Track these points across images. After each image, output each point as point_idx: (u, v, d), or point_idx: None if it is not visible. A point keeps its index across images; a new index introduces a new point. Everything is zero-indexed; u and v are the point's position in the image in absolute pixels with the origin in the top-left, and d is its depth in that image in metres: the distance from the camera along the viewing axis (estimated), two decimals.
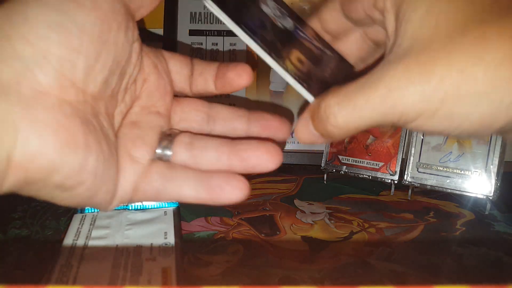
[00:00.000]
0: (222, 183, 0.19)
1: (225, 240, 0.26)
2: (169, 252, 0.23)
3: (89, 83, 0.16)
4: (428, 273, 0.24)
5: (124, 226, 0.26)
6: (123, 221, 0.26)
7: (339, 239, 0.27)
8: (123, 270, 0.21)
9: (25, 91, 0.14)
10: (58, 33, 0.15)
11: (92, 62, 0.16)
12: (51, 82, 0.15)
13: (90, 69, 0.16)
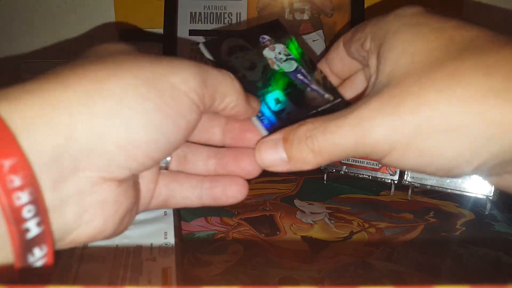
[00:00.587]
0: (225, 186, 0.20)
1: (225, 240, 0.26)
2: (169, 252, 0.23)
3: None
4: (428, 273, 0.24)
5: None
6: None
7: (339, 239, 0.27)
8: (123, 270, 0.21)
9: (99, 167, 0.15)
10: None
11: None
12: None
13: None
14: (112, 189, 0.16)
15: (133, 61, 0.16)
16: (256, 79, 0.22)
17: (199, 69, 0.17)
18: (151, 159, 0.16)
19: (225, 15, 0.43)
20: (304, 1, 0.42)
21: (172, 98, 0.16)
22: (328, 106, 0.21)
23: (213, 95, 0.18)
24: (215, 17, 0.43)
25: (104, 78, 0.15)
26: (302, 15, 0.42)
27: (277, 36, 0.23)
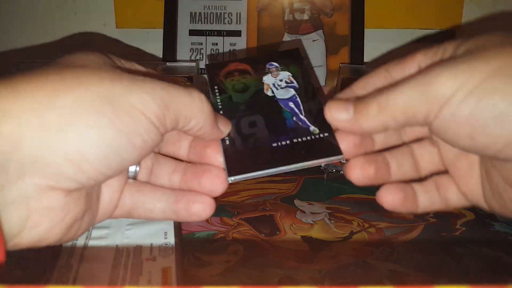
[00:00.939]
0: (188, 203, 0.20)
1: (225, 240, 0.26)
2: (169, 252, 0.23)
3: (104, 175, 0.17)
4: (428, 273, 0.24)
5: (124, 226, 0.26)
6: (123, 221, 0.26)
7: (339, 239, 0.27)
8: (123, 270, 0.21)
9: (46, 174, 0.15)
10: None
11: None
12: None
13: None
14: (60, 197, 0.16)
15: (93, 76, 0.16)
16: (240, 101, 0.22)
17: (162, 91, 0.17)
18: (102, 174, 0.16)
19: (225, 15, 0.43)
20: (304, 1, 0.42)
21: (129, 116, 0.16)
22: (308, 139, 0.20)
23: (176, 118, 0.17)
24: (215, 17, 0.43)
25: (59, 91, 0.15)
26: (302, 15, 0.42)
27: (288, 63, 0.24)
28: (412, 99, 0.17)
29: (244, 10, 0.43)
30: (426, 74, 0.17)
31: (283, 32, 0.42)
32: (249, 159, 0.20)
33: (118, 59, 0.20)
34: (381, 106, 0.18)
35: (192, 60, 0.43)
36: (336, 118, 0.19)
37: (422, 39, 0.45)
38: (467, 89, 0.15)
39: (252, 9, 0.43)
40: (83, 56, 0.18)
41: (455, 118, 0.16)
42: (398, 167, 0.21)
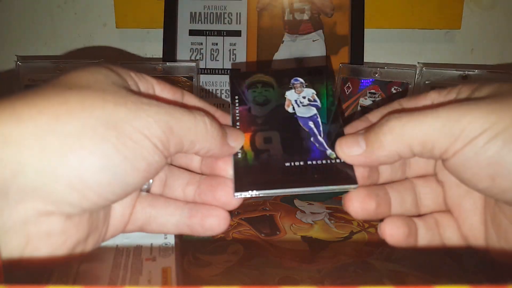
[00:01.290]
0: (203, 217, 0.19)
1: (225, 240, 0.26)
2: (169, 252, 0.23)
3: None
4: (428, 273, 0.23)
5: None
6: None
7: (339, 239, 0.27)
8: (123, 270, 0.21)
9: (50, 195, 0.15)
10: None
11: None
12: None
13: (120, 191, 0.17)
14: (61, 222, 0.15)
15: (97, 99, 0.16)
16: (259, 115, 0.22)
17: (167, 115, 0.16)
18: (106, 199, 0.16)
19: (225, 15, 0.43)
20: (304, 1, 0.42)
21: (133, 141, 0.15)
22: (323, 163, 0.19)
23: (180, 142, 0.17)
24: (215, 17, 0.43)
25: (62, 115, 0.15)
26: (302, 15, 0.42)
27: (313, 81, 0.23)
28: (434, 131, 0.16)
29: (244, 10, 0.43)
30: (453, 109, 0.16)
31: (283, 32, 0.42)
32: (259, 177, 0.19)
33: (127, 72, 0.19)
34: (395, 134, 0.17)
35: (192, 60, 0.43)
36: (348, 154, 0.19)
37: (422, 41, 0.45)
38: (495, 131, 0.15)
39: (252, 9, 0.43)
40: (88, 74, 0.17)
41: (477, 158, 0.16)
42: (400, 204, 0.20)
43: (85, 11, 0.46)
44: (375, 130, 0.18)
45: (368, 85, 0.39)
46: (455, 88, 0.19)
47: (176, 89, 0.20)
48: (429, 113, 0.17)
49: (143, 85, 0.19)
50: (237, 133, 0.20)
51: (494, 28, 0.45)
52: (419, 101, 0.20)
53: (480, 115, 0.16)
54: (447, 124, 0.16)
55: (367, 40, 0.42)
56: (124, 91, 0.17)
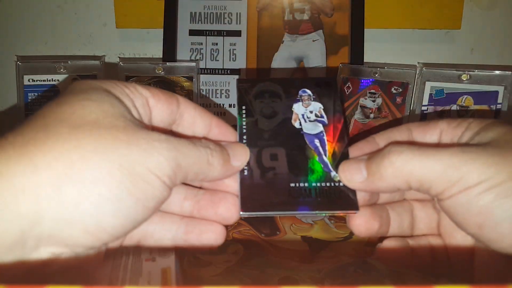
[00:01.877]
0: (200, 233, 0.20)
1: (225, 240, 0.26)
2: (169, 253, 0.23)
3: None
4: (428, 272, 0.23)
5: None
6: None
7: (339, 239, 0.27)
8: (123, 270, 0.21)
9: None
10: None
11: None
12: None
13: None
14: (72, 258, 0.16)
15: (110, 141, 0.15)
16: (266, 129, 0.21)
17: (175, 151, 0.17)
18: (116, 238, 0.16)
19: (225, 15, 0.43)
20: (304, 1, 0.42)
21: (146, 182, 0.16)
22: (326, 185, 0.20)
23: (186, 175, 0.17)
24: (215, 17, 0.43)
25: (77, 162, 0.15)
26: (302, 15, 0.42)
27: (321, 94, 0.23)
28: (433, 173, 0.17)
29: (244, 10, 0.42)
30: (455, 155, 0.17)
31: (283, 32, 0.42)
32: (265, 197, 0.19)
33: (122, 90, 0.19)
34: (395, 168, 0.17)
35: (192, 60, 0.43)
36: (350, 180, 0.19)
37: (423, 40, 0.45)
38: (491, 184, 0.16)
39: (252, 9, 0.43)
40: (94, 105, 0.17)
41: (469, 206, 0.16)
42: (398, 225, 0.21)
43: (85, 11, 0.46)
44: (377, 160, 0.18)
45: (368, 85, 0.39)
46: (465, 122, 0.19)
47: (171, 99, 0.20)
48: (431, 154, 0.17)
49: (138, 101, 0.19)
50: (240, 152, 0.20)
51: (494, 28, 0.45)
52: (428, 130, 0.20)
53: (479, 166, 0.16)
54: (447, 170, 0.16)
55: (367, 40, 0.42)
56: (133, 126, 0.17)
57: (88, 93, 0.17)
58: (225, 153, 0.19)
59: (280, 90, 0.23)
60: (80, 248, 0.16)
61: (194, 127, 0.21)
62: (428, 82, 0.38)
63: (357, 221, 0.19)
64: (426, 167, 0.17)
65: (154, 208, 0.17)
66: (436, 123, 0.20)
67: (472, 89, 0.37)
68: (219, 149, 0.19)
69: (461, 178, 0.16)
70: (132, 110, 0.18)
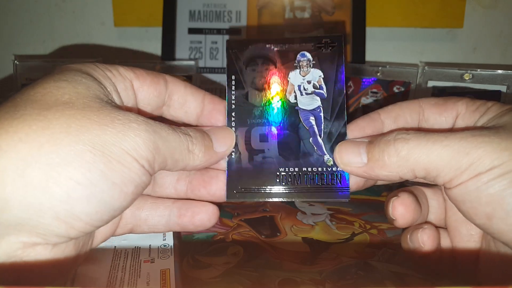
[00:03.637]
0: (193, 215, 0.19)
1: (225, 241, 0.26)
2: (168, 254, 0.23)
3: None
4: (430, 274, 0.23)
5: None
6: None
7: (340, 240, 0.27)
8: (121, 272, 0.21)
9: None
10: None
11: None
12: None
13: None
14: (47, 251, 0.15)
15: (82, 121, 0.14)
16: (257, 104, 0.20)
17: (153, 134, 0.16)
18: (93, 226, 0.16)
19: (225, 13, 0.42)
20: (305, 0, 0.42)
21: (122, 165, 0.15)
22: (318, 170, 0.18)
23: (164, 161, 0.17)
24: (214, 15, 0.42)
25: (45, 143, 0.14)
26: (303, 13, 0.42)
27: (322, 58, 0.20)
28: (441, 161, 0.16)
29: (244, 8, 0.42)
30: (465, 140, 0.15)
31: (283, 30, 0.42)
32: (251, 183, 0.19)
33: (103, 73, 0.18)
34: (400, 157, 0.16)
35: (191, 58, 0.42)
36: (347, 164, 0.18)
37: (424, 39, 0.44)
38: (504, 170, 0.15)
39: (252, 7, 0.42)
40: (68, 86, 0.16)
41: (478, 194, 0.15)
42: (423, 214, 0.20)
43: (83, 9, 0.46)
44: (381, 146, 0.17)
45: (370, 84, 0.39)
46: (485, 105, 0.18)
47: (158, 79, 0.19)
48: (439, 140, 0.16)
49: (121, 85, 0.18)
50: (224, 136, 0.19)
51: (497, 27, 0.44)
52: (444, 111, 0.19)
53: (492, 151, 0.15)
54: (456, 157, 0.15)
55: (369, 39, 0.41)
56: (109, 107, 0.16)
57: (65, 75, 0.16)
58: (206, 139, 0.18)
59: (276, 55, 0.20)
60: (54, 238, 0.15)
61: (185, 106, 0.20)
62: (431, 81, 0.38)
63: (404, 209, 0.18)
64: (433, 154, 0.16)
65: (133, 194, 0.16)
66: (454, 104, 0.19)
67: (475, 88, 0.37)
68: (199, 135, 0.18)
69: (472, 164, 0.15)
70: (113, 94, 0.17)
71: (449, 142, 0.16)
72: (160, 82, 0.19)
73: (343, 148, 0.18)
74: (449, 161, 0.15)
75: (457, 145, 0.15)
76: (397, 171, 0.17)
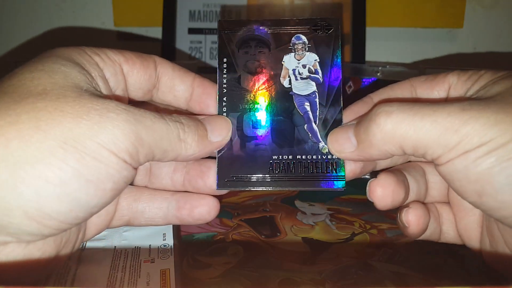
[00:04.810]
0: (192, 208, 0.19)
1: (225, 241, 0.26)
2: (168, 254, 0.23)
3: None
4: (430, 274, 0.23)
5: (122, 227, 0.26)
6: None
7: (340, 240, 0.27)
8: (121, 272, 0.21)
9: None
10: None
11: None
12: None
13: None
14: (21, 248, 0.14)
15: (54, 114, 0.13)
16: (249, 89, 0.19)
17: (135, 124, 0.14)
18: (69, 224, 0.15)
19: (225, 13, 0.42)
20: None
21: (97, 160, 0.14)
22: (313, 158, 0.18)
23: (151, 152, 0.15)
24: (214, 15, 0.42)
25: (12, 140, 0.13)
26: (302, 13, 0.42)
27: (318, 41, 0.19)
28: (428, 138, 0.15)
29: (244, 8, 0.42)
30: (454, 115, 0.14)
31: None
32: (243, 171, 0.18)
33: (90, 58, 0.16)
34: (385, 132, 0.15)
35: (191, 58, 0.42)
36: (340, 152, 0.17)
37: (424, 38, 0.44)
38: (493, 146, 0.14)
39: (252, 7, 0.42)
40: (44, 75, 0.15)
41: (466, 172, 0.14)
42: (416, 193, 0.19)
43: (83, 9, 0.46)
44: (364, 125, 0.16)
45: (370, 84, 0.39)
46: (477, 74, 0.17)
47: (148, 62, 0.18)
48: (426, 115, 0.15)
49: (109, 69, 0.17)
50: (220, 125, 0.18)
51: (497, 26, 0.44)
52: (436, 85, 0.18)
53: (480, 127, 0.14)
54: (444, 133, 0.14)
55: (369, 39, 0.41)
56: (86, 96, 0.14)
57: (44, 62, 0.15)
58: (201, 128, 0.17)
59: (270, 37, 0.19)
60: (27, 236, 0.14)
61: (174, 90, 0.19)
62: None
63: (382, 191, 0.17)
64: (420, 130, 0.15)
65: (113, 190, 0.15)
66: (445, 76, 0.18)
67: None
68: (193, 124, 0.17)
69: (460, 142, 0.14)
70: (98, 80, 0.16)
71: (437, 118, 0.15)
72: (150, 64, 0.18)
73: (334, 137, 0.18)
74: (438, 138, 0.15)
75: (445, 121, 0.14)
76: (385, 148, 0.16)
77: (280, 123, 0.19)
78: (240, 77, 0.19)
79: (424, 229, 0.19)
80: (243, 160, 0.18)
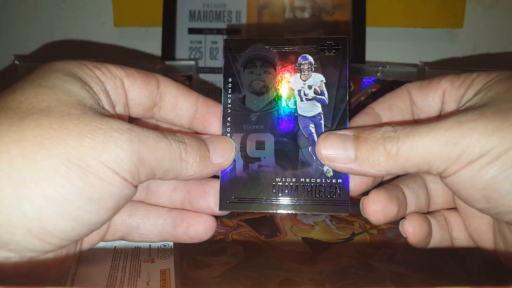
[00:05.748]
0: (188, 227, 0.19)
1: (225, 241, 0.26)
2: (168, 254, 0.23)
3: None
4: (430, 274, 0.23)
5: None
6: None
7: (340, 240, 0.27)
8: (121, 272, 0.21)
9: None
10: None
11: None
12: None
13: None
14: (23, 262, 0.14)
15: (58, 132, 0.14)
16: (254, 109, 0.18)
17: (138, 144, 0.15)
18: (71, 241, 0.15)
19: (225, 13, 0.42)
20: (305, 0, 0.42)
21: (100, 179, 0.14)
22: (317, 182, 0.17)
23: (152, 172, 0.16)
24: (214, 15, 0.42)
25: (17, 157, 0.13)
26: (303, 13, 0.42)
27: (324, 61, 0.18)
28: (430, 154, 0.15)
29: (244, 8, 0.42)
30: (452, 129, 0.15)
31: (283, 30, 0.42)
32: (246, 192, 0.18)
33: (91, 72, 0.17)
34: (390, 156, 0.16)
35: (191, 59, 0.42)
36: (332, 160, 0.17)
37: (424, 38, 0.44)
38: (494, 155, 0.14)
39: (252, 7, 0.42)
40: (48, 92, 0.15)
41: (472, 182, 0.15)
42: (415, 203, 0.19)
43: (83, 9, 0.46)
44: (369, 144, 0.16)
45: (370, 84, 0.39)
46: (469, 78, 0.18)
47: (150, 78, 0.18)
48: (425, 133, 0.15)
49: (110, 83, 0.17)
50: (224, 146, 0.18)
51: (497, 26, 0.44)
52: (430, 91, 0.18)
53: (480, 137, 0.14)
54: (444, 148, 0.15)
55: (369, 39, 0.41)
56: (90, 114, 0.15)
57: (46, 78, 0.15)
58: (203, 148, 0.17)
59: (276, 57, 0.19)
60: (29, 253, 0.14)
61: (177, 108, 0.19)
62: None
63: (373, 207, 0.18)
64: (421, 149, 0.15)
65: (114, 208, 0.15)
66: (438, 82, 0.18)
67: None
68: (195, 144, 0.17)
69: (462, 153, 0.15)
70: (101, 95, 0.16)
71: (435, 134, 0.15)
72: (152, 81, 0.18)
73: (328, 143, 0.17)
74: (439, 153, 0.15)
75: (444, 136, 0.15)
76: (386, 169, 0.16)
77: (284, 145, 0.18)
78: (245, 97, 0.19)
79: (423, 238, 0.19)
80: (246, 181, 0.18)
